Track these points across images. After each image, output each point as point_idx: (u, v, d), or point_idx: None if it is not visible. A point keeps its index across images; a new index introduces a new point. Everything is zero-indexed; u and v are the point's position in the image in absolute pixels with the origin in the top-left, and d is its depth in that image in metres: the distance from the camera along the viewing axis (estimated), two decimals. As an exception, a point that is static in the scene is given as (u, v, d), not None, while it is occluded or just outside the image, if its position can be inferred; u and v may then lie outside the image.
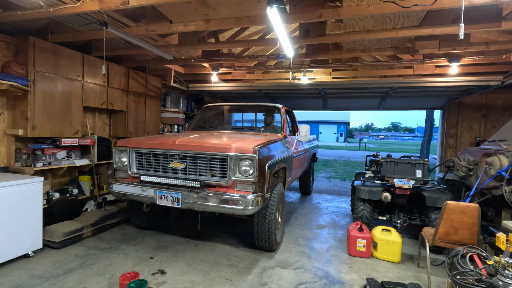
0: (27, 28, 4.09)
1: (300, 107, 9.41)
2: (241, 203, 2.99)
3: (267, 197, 3.33)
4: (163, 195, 3.30)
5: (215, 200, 3.08)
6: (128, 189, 3.52)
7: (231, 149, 3.09)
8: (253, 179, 3.07)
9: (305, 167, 6.00)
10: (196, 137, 3.66)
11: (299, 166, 5.19)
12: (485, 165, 3.37)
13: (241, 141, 3.31)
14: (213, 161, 3.21)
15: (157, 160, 3.49)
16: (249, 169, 3.09)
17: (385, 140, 63.71)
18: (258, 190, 3.11)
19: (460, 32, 2.49)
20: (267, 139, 3.66)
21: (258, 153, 3.07)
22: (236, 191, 3.14)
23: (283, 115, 4.74)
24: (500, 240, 2.10)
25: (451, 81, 5.58)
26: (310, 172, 7.15)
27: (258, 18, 3.46)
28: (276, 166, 3.55)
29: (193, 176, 3.29)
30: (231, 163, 3.10)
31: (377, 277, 3.07)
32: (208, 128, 4.87)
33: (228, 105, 5.45)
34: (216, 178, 3.20)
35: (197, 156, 3.25)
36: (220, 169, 3.18)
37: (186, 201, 3.18)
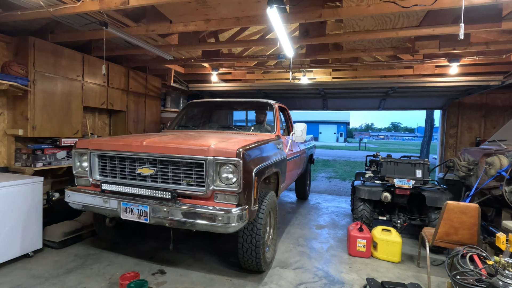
0: (27, 28, 4.09)
1: (300, 107, 9.42)
2: (221, 219, 2.45)
3: (255, 210, 2.79)
4: (128, 207, 2.74)
5: (190, 215, 2.54)
6: (87, 200, 2.97)
7: (209, 151, 2.57)
8: (236, 189, 2.54)
9: (301, 170, 5.50)
10: (171, 137, 3.09)
11: (294, 170, 4.72)
12: (485, 165, 3.37)
13: (224, 142, 2.78)
14: (189, 166, 2.68)
15: (123, 164, 2.94)
16: (232, 176, 2.57)
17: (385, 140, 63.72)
18: (243, 202, 2.58)
19: (460, 32, 2.49)
20: (256, 140, 3.15)
21: (243, 157, 2.54)
22: (216, 203, 2.62)
23: (276, 112, 4.24)
24: (500, 240, 2.10)
25: (451, 81, 5.58)
26: (307, 175, 6.64)
27: (258, 18, 3.46)
28: (267, 172, 3.03)
29: (165, 185, 2.76)
30: (210, 168, 2.56)
31: (377, 277, 3.07)
32: (192, 127, 4.36)
33: (215, 102, 4.93)
34: (193, 187, 2.67)
35: (170, 160, 2.71)
36: (197, 176, 2.65)
37: (155, 215, 2.65)
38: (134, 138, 3.04)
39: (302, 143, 5.36)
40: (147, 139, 2.88)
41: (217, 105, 5.10)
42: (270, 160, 3.18)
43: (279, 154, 3.61)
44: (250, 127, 4.23)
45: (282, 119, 4.62)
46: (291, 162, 4.28)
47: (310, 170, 7.01)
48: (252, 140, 3.04)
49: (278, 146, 3.69)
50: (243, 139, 3.09)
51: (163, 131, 4.30)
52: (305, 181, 6.53)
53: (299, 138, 3.82)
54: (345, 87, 6.59)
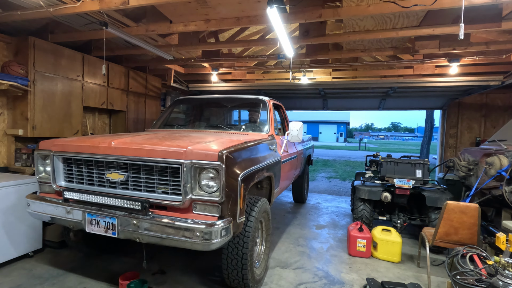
0: (27, 28, 4.10)
1: (300, 107, 9.42)
2: (199, 235, 2.08)
3: (241, 222, 2.41)
4: (93, 219, 2.39)
5: (162, 229, 2.18)
6: (48, 210, 2.59)
7: (186, 154, 2.21)
8: (218, 198, 2.17)
9: (298, 173, 5.11)
10: (146, 137, 2.72)
11: (290, 172, 4.35)
12: (485, 165, 3.37)
13: (205, 142, 2.44)
14: (164, 171, 2.32)
15: (91, 169, 2.58)
16: (213, 183, 2.21)
17: (385, 140, 63.73)
18: (226, 213, 2.22)
19: (460, 32, 2.49)
20: (245, 140, 2.82)
21: (227, 160, 2.19)
22: (195, 214, 2.25)
23: (270, 110, 3.87)
24: (500, 240, 2.10)
25: (451, 81, 5.58)
26: (305, 177, 6.18)
27: (258, 18, 3.46)
28: (257, 177, 2.69)
29: (138, 193, 2.40)
30: (187, 174, 2.20)
31: (377, 277, 3.07)
32: (177, 126, 4.00)
33: (203, 98, 4.60)
34: (168, 195, 2.30)
35: (142, 164, 2.36)
36: (173, 183, 2.29)
37: (124, 229, 2.30)
38: (103, 138, 2.66)
39: (299, 143, 5.03)
40: (116, 139, 2.53)
41: (206, 103, 4.71)
42: (261, 163, 2.83)
43: (273, 156, 3.28)
44: (241, 126, 3.87)
45: (277, 118, 4.26)
46: (287, 164, 3.94)
47: (308, 172, 6.62)
48: (240, 141, 2.69)
49: (271, 147, 3.35)
50: (230, 139, 2.74)
51: (146, 130, 3.98)
52: (303, 184, 6.13)
53: (295, 138, 3.50)
54: (345, 87, 6.58)
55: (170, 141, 2.49)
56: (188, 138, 2.68)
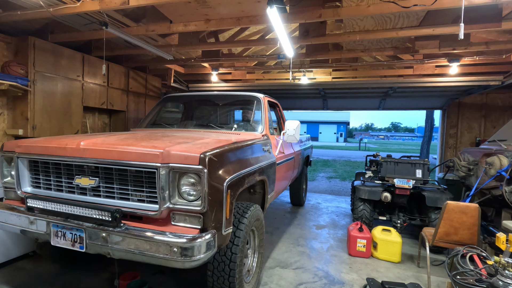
0: (27, 28, 4.10)
1: (300, 107, 9.42)
2: (177, 251, 1.80)
3: (228, 233, 2.13)
4: (59, 231, 2.11)
5: (135, 243, 1.89)
6: (11, 219, 2.28)
7: (162, 156, 1.94)
8: (200, 208, 1.89)
9: (295, 174, 4.81)
10: (122, 137, 2.44)
11: (287, 175, 4.07)
12: (485, 165, 3.37)
13: (188, 143, 2.18)
14: (139, 176, 2.04)
15: (59, 173, 2.29)
16: (194, 191, 1.95)
17: (385, 140, 63.75)
18: (210, 225, 1.95)
19: (460, 32, 2.49)
20: (235, 140, 2.59)
21: (210, 163, 1.93)
22: (174, 226, 1.98)
23: (265, 108, 3.60)
24: (500, 240, 2.10)
25: (451, 81, 5.58)
26: (303, 179, 5.84)
27: (258, 18, 3.47)
28: (247, 181, 2.43)
29: (110, 200, 2.12)
30: (164, 179, 1.92)
31: (377, 277, 3.07)
32: (165, 125, 3.75)
33: (193, 96, 4.29)
34: (144, 204, 2.03)
35: (115, 167, 2.08)
36: (149, 189, 2.02)
37: (93, 242, 2.02)
38: (71, 138, 2.38)
39: (297, 144, 4.77)
40: (86, 139, 2.25)
41: (196, 100, 4.38)
42: (253, 166, 2.57)
43: (266, 157, 3.02)
44: (233, 125, 3.62)
45: (272, 116, 4.02)
46: (283, 166, 3.68)
47: (306, 173, 6.27)
48: (229, 141, 2.45)
49: (265, 147, 3.09)
50: (217, 139, 2.51)
51: (131, 130, 3.76)
52: (300, 186, 5.80)
53: (291, 138, 3.27)
54: (345, 87, 6.59)
55: (146, 141, 2.21)
56: (170, 138, 2.41)
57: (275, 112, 4.40)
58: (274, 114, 4.36)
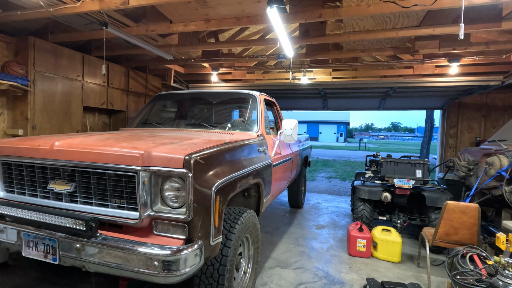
0: (27, 28, 4.10)
1: (300, 107, 9.44)
2: (158, 265, 1.63)
3: (217, 244, 1.94)
4: (31, 240, 1.91)
5: (111, 256, 1.71)
6: None
7: (143, 158, 1.75)
8: (184, 216, 1.70)
9: (293, 176, 4.62)
10: (103, 137, 2.25)
11: (284, 177, 3.87)
12: (485, 165, 3.37)
13: (173, 144, 1.99)
14: (118, 180, 1.85)
15: (32, 176, 2.10)
16: (178, 197, 1.76)
17: (385, 140, 63.76)
18: (195, 235, 1.76)
19: (460, 32, 2.49)
20: (227, 140, 2.40)
21: (196, 166, 1.74)
22: (157, 236, 1.80)
23: (260, 106, 3.42)
24: (500, 240, 2.10)
25: (451, 81, 5.59)
26: (301, 180, 5.63)
27: (258, 18, 3.47)
28: (239, 185, 2.25)
29: (88, 207, 1.94)
30: (145, 184, 1.73)
31: (377, 277, 3.07)
32: (155, 124, 3.57)
33: (186, 94, 4.12)
34: (124, 211, 1.84)
35: (92, 170, 1.90)
36: (129, 195, 1.83)
37: (66, 254, 1.82)
38: (47, 139, 2.17)
39: (295, 144, 4.60)
40: (62, 140, 2.05)
41: (189, 98, 4.18)
42: (246, 169, 2.40)
43: (262, 159, 2.84)
44: (226, 124, 3.42)
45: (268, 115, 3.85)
46: (280, 168, 3.50)
47: (305, 174, 6.07)
48: (219, 141, 2.27)
49: (260, 148, 2.90)
50: (207, 140, 2.33)
51: (120, 129, 3.59)
52: (299, 187, 5.60)
53: (289, 138, 3.10)
54: (345, 87, 6.59)
55: (128, 142, 2.02)
56: (155, 139, 2.22)
57: (272, 111, 4.24)
58: (272, 113, 4.23)
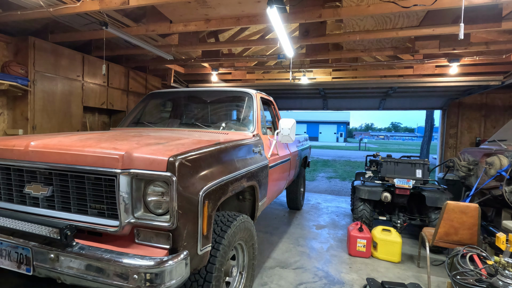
0: (27, 28, 4.10)
1: (300, 107, 9.44)
2: (138, 278, 1.49)
3: (206, 253, 1.80)
4: (3, 249, 1.77)
5: (87, 268, 1.58)
6: None
7: (123, 160, 1.61)
8: (168, 224, 1.56)
9: (292, 177, 4.47)
10: (85, 137, 2.08)
11: (282, 179, 3.73)
12: (485, 165, 3.37)
13: (158, 144, 1.85)
14: (98, 184, 1.70)
15: (8, 179, 1.95)
16: (163, 203, 1.62)
17: (385, 140, 63.77)
18: (181, 244, 1.61)
19: (460, 32, 2.49)
20: (219, 141, 2.26)
21: (180, 169, 1.60)
22: (139, 245, 1.66)
23: (257, 105, 3.27)
24: (500, 240, 2.10)
25: (451, 81, 5.59)
26: (300, 181, 5.46)
27: (258, 18, 3.47)
28: (231, 189, 2.10)
29: (66, 213, 1.78)
30: (125, 188, 1.59)
31: (377, 277, 3.07)
32: (147, 123, 3.43)
33: (180, 92, 3.97)
34: (104, 219, 1.69)
35: (70, 173, 1.74)
36: (109, 200, 1.68)
37: (41, 264, 1.67)
38: (25, 138, 2.03)
39: (294, 144, 4.45)
40: (39, 139, 1.91)
41: (183, 97, 4.00)
42: (239, 171, 2.26)
43: (257, 160, 2.70)
44: (221, 124, 3.27)
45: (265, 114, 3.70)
46: (277, 169, 3.36)
47: (304, 175, 5.88)
48: (210, 142, 2.13)
49: (255, 149, 2.76)
50: (197, 140, 2.19)
51: (111, 129, 3.43)
52: (298, 189, 5.41)
53: (286, 138, 2.98)
54: (345, 87, 6.60)
55: (110, 142, 1.87)
56: (141, 139, 2.07)
57: (270, 110, 4.10)
58: (269, 113, 4.11)
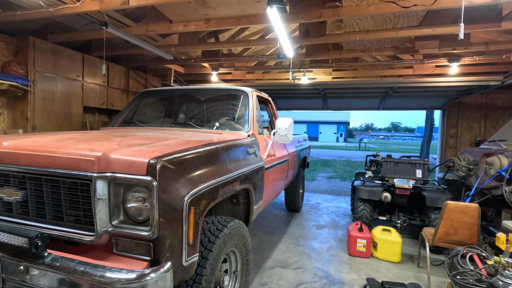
0: (27, 28, 4.10)
1: (300, 107, 9.45)
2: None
3: (192, 263, 1.65)
4: None
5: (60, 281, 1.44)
6: None
7: (99, 162, 1.48)
8: (148, 233, 1.42)
9: (290, 179, 4.31)
10: (64, 137, 1.92)
11: (279, 180, 3.61)
12: (485, 165, 3.37)
13: (141, 145, 1.70)
14: (74, 188, 1.55)
15: None
16: (143, 210, 1.47)
17: (385, 140, 63.77)
18: (163, 255, 1.47)
19: (460, 32, 2.49)
20: (207, 141, 2.07)
21: (162, 172, 1.46)
22: (117, 256, 1.51)
23: (253, 104, 3.12)
24: (500, 240, 2.10)
25: (451, 81, 5.59)
26: (299, 183, 5.30)
27: (258, 18, 3.47)
28: (222, 193, 1.95)
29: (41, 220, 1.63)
30: (102, 194, 1.45)
31: (377, 277, 3.07)
32: (138, 123, 3.30)
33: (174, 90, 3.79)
34: (81, 226, 1.55)
35: (45, 177, 1.59)
36: (86, 206, 1.53)
37: (10, 277, 1.54)
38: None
39: (292, 144, 4.30)
40: (13, 139, 1.77)
41: (177, 95, 3.85)
42: (232, 173, 2.12)
43: (252, 161, 2.58)
44: (214, 123, 3.10)
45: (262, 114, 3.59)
46: (273, 171, 3.23)
47: (303, 176, 5.73)
48: (200, 142, 1.98)
49: (250, 150, 2.63)
50: (186, 140, 2.04)
51: (101, 128, 3.31)
52: (296, 190, 5.26)
53: (283, 138, 2.85)
54: (345, 87, 6.60)
55: (88, 143, 1.73)
56: (125, 139, 1.91)
57: (267, 109, 3.97)
58: (267, 112, 4.00)
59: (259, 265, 3.35)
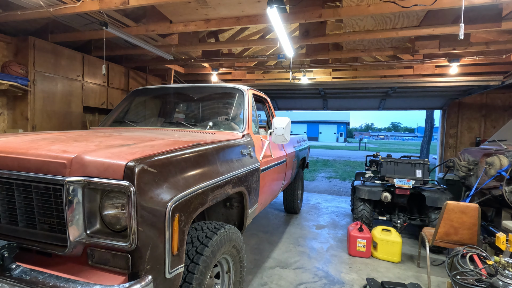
0: (27, 28, 4.10)
1: (300, 107, 9.45)
2: None
3: (177, 275, 1.51)
4: None
5: None
6: None
7: (72, 165, 1.34)
8: (126, 244, 1.28)
9: (288, 180, 4.19)
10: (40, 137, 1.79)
11: (276, 182, 3.48)
12: (485, 165, 3.37)
13: (122, 146, 1.57)
14: (46, 193, 1.41)
15: None
16: (121, 217, 1.34)
17: (385, 140, 63.77)
18: (142, 268, 1.33)
19: (460, 32, 2.49)
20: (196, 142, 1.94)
21: (141, 176, 1.32)
22: (93, 268, 1.38)
23: (248, 103, 3.00)
24: (500, 240, 2.10)
25: (451, 81, 5.59)
26: (298, 184, 5.19)
27: (258, 18, 3.47)
28: (211, 198, 1.81)
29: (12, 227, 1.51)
30: (75, 199, 1.32)
31: (377, 277, 3.07)
32: (129, 122, 3.16)
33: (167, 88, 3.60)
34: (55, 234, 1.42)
35: (15, 180, 1.46)
36: (60, 213, 1.40)
37: None
38: None
39: (290, 145, 4.17)
40: None
41: (169, 94, 3.69)
42: (223, 176, 1.98)
43: (246, 163, 2.45)
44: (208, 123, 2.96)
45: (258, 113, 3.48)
46: (270, 172, 3.10)
47: (302, 177, 5.54)
48: (188, 143, 1.85)
49: (244, 151, 2.51)
50: (174, 141, 1.89)
51: (91, 128, 3.13)
52: (295, 192, 5.13)
53: (280, 138, 2.74)
54: (345, 87, 6.60)
55: (63, 143, 1.59)
56: (107, 139, 1.78)
57: (265, 109, 3.85)
58: (264, 112, 3.91)
59: (259, 265, 3.35)
